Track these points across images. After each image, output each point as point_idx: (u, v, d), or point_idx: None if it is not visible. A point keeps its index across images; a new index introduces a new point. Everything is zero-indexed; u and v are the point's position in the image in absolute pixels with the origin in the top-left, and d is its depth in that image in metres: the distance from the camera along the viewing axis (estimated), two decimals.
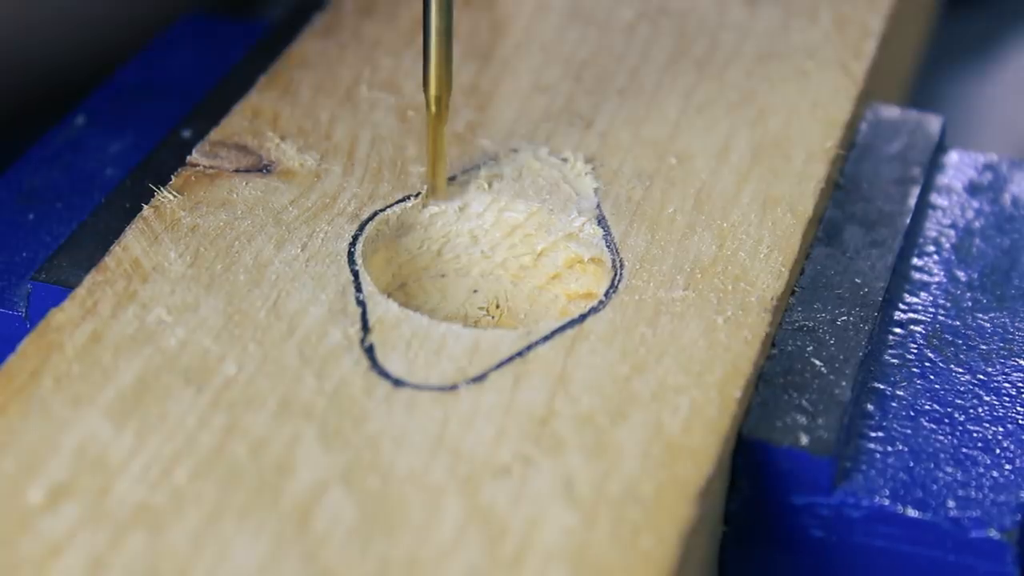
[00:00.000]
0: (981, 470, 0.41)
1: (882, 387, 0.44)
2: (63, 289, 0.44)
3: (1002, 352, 0.45)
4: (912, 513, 0.40)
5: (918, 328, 0.46)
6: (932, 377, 0.44)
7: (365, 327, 0.42)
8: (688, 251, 0.45)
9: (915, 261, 0.48)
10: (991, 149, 0.55)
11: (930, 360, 0.45)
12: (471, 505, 0.37)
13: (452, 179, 0.47)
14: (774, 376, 0.42)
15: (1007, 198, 0.51)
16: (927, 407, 0.43)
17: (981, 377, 0.44)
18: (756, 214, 0.46)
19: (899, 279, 0.47)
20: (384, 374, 0.40)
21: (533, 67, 0.53)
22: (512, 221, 0.47)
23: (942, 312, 0.46)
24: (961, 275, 0.48)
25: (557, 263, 0.47)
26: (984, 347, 0.45)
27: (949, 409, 0.43)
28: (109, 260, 0.43)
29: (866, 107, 0.53)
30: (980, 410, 0.43)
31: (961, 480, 0.41)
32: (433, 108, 0.45)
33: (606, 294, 0.43)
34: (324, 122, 0.50)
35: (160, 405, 0.39)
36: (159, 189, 0.46)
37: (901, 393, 0.43)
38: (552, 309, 0.46)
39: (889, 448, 0.42)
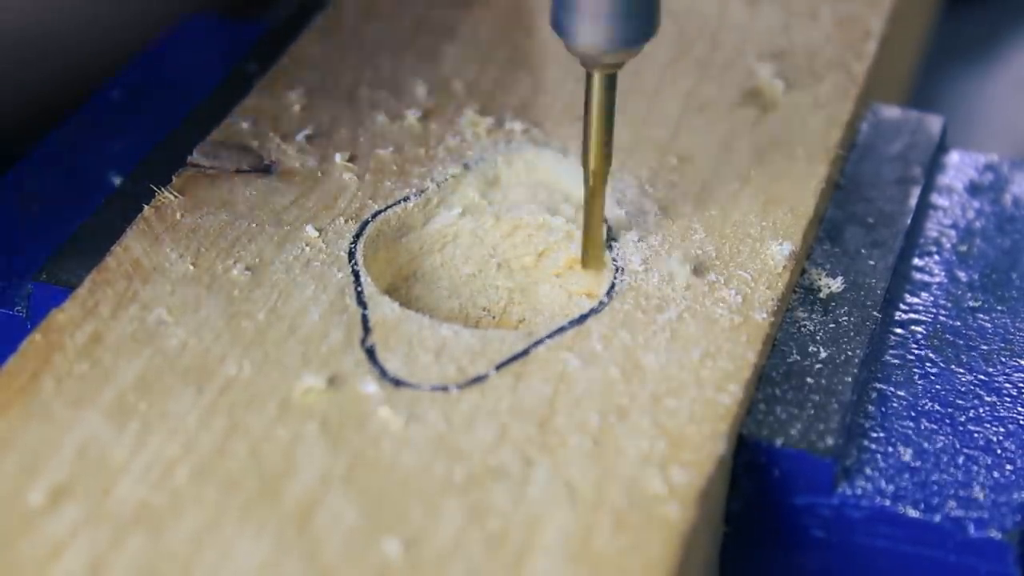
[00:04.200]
0: (982, 470, 0.41)
1: (883, 387, 0.43)
2: (64, 289, 0.44)
3: (1003, 352, 0.45)
4: (913, 513, 0.40)
5: (919, 328, 0.46)
6: (933, 377, 0.44)
7: (365, 327, 0.42)
8: (688, 251, 0.45)
9: (916, 261, 0.48)
10: (991, 149, 0.55)
11: (931, 360, 0.45)
12: (471, 505, 0.37)
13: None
14: (774, 376, 0.42)
15: (1008, 198, 0.51)
16: (928, 407, 0.43)
17: (982, 377, 0.44)
18: (756, 214, 0.46)
19: (900, 279, 0.47)
20: (384, 374, 0.40)
21: (534, 67, 0.53)
22: (513, 221, 0.47)
23: (943, 312, 0.46)
24: (962, 275, 0.48)
25: (558, 263, 0.47)
26: (985, 347, 0.45)
27: (950, 409, 0.43)
28: (110, 260, 0.43)
29: (867, 107, 0.53)
30: (981, 410, 0.43)
31: (962, 480, 0.41)
32: (591, 182, 0.44)
33: (606, 294, 0.43)
34: (324, 122, 0.50)
35: (161, 405, 0.39)
36: (160, 189, 0.46)
37: (902, 393, 0.43)
38: (552, 309, 0.46)
39: (889, 448, 0.41)
